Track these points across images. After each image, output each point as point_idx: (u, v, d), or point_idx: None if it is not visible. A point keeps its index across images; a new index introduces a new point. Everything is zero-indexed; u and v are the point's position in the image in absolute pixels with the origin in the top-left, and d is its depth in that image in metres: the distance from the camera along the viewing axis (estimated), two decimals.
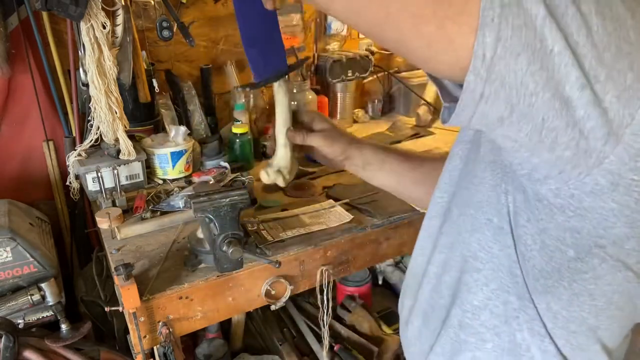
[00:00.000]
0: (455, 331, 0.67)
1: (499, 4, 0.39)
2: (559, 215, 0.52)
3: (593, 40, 0.39)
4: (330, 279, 1.15)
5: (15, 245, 1.17)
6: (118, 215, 1.19)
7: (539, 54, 0.40)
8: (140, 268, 1.04)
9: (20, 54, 1.41)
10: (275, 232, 1.15)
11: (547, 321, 0.58)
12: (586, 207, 0.49)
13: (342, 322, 1.73)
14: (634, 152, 0.44)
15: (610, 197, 0.48)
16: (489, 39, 0.40)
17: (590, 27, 0.39)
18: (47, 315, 1.22)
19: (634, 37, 0.40)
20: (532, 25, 0.39)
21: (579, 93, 0.41)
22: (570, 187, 0.48)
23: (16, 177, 1.52)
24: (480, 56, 0.40)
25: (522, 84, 0.41)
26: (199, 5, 1.66)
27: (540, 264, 0.56)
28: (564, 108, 0.42)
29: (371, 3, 0.42)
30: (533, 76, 0.41)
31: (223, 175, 1.44)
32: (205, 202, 0.95)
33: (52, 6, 1.14)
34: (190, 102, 1.64)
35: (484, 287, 0.62)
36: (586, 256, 0.53)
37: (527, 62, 0.40)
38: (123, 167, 1.37)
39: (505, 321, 0.61)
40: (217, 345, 1.55)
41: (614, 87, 0.41)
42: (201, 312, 1.02)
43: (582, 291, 0.55)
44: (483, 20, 0.39)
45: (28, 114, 1.48)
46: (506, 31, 0.39)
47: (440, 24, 0.41)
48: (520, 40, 0.40)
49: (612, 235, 0.51)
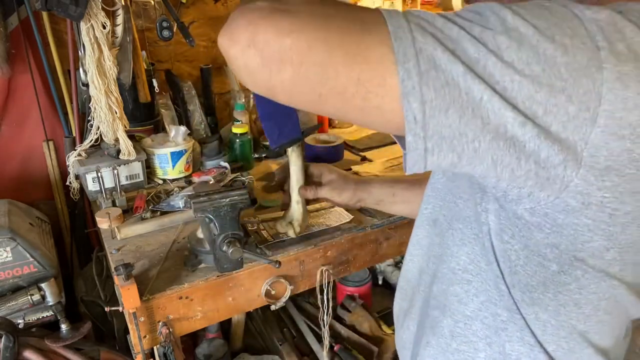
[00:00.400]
0: (446, 341, 0.68)
1: (416, 72, 0.42)
2: (537, 232, 0.53)
3: (521, 84, 0.43)
4: (330, 279, 1.15)
5: (15, 245, 1.17)
6: (118, 215, 1.19)
7: (469, 104, 0.43)
8: (140, 268, 1.04)
9: (20, 54, 1.41)
10: (275, 232, 1.15)
11: (537, 330, 0.59)
12: (561, 224, 0.51)
13: (342, 322, 1.73)
14: (598, 172, 0.46)
15: (583, 214, 0.50)
16: (414, 104, 0.44)
17: (515, 72, 0.43)
18: (47, 315, 1.22)
19: (566, 73, 0.43)
20: (454, 82, 0.43)
21: (521, 130, 0.44)
22: (542, 207, 0.50)
23: (16, 177, 1.52)
24: (411, 119, 0.44)
25: (461, 133, 0.45)
26: (199, 5, 1.66)
27: (526, 278, 0.57)
28: (510, 146, 0.45)
29: (304, 88, 0.46)
30: (468, 125, 0.44)
31: (223, 175, 1.44)
32: (205, 202, 0.95)
33: (52, 6, 1.14)
34: (190, 102, 1.64)
35: (474, 297, 0.63)
36: (569, 269, 0.54)
37: (458, 114, 0.44)
38: (123, 167, 1.37)
39: (495, 332, 0.62)
40: (217, 345, 1.55)
41: (556, 120, 0.44)
42: (201, 312, 1.02)
43: (568, 301, 0.56)
44: (404, 89, 0.43)
45: (28, 114, 1.48)
46: (429, 94, 0.43)
47: (365, 98, 0.45)
48: (445, 98, 0.43)
49: (590, 248, 0.52)
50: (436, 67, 0.43)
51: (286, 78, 0.45)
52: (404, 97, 0.43)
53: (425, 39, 0.43)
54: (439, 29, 0.44)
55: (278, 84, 0.46)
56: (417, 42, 0.43)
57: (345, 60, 0.44)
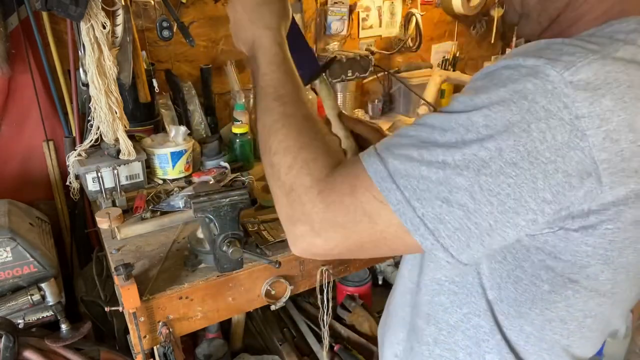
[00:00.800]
0: (429, 348, 0.69)
1: (429, 235, 0.49)
2: (534, 255, 0.54)
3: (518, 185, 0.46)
4: (330, 279, 1.15)
5: (15, 245, 1.17)
6: (118, 215, 1.19)
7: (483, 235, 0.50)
8: (140, 268, 1.03)
9: (20, 54, 1.41)
10: (275, 232, 1.15)
11: (520, 341, 0.61)
12: (560, 250, 0.52)
13: (342, 322, 1.73)
14: (604, 209, 0.48)
15: (584, 242, 0.51)
16: (440, 254, 0.51)
17: (508, 176, 0.46)
18: (47, 315, 1.22)
19: (552, 155, 0.45)
20: (463, 227, 0.49)
21: (539, 217, 0.48)
22: (544, 234, 0.52)
23: (16, 177, 1.52)
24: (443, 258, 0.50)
25: (488, 255, 0.57)
26: (199, 5, 1.66)
27: (514, 294, 0.58)
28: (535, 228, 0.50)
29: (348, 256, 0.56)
30: (492, 246, 0.51)
31: (223, 175, 1.43)
32: (205, 202, 0.95)
33: (52, 6, 1.14)
34: (190, 102, 1.64)
35: (457, 309, 0.64)
36: (560, 289, 0.55)
37: (480, 246, 0.50)
38: (123, 167, 1.37)
39: (476, 343, 0.64)
40: (217, 345, 1.55)
41: (565, 197, 0.47)
42: (201, 312, 1.02)
43: (554, 317, 0.58)
44: (425, 247, 0.50)
45: (28, 114, 1.48)
46: (448, 242, 0.49)
47: (394, 250, 0.55)
48: (460, 240, 0.50)
49: (587, 272, 0.53)
50: (442, 221, 0.48)
51: (336, 256, 0.56)
52: (429, 251, 0.50)
53: (423, 205, 0.48)
54: (433, 181, 0.48)
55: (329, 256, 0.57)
56: (417, 211, 0.48)
57: (374, 247, 0.53)
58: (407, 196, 0.48)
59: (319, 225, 0.53)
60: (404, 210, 0.49)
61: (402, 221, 0.49)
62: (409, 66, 2.18)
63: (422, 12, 2.14)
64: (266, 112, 0.63)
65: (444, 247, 0.48)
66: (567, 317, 0.57)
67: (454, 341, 0.66)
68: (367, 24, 2.08)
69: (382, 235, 0.51)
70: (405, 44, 2.16)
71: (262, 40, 0.68)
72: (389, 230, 0.50)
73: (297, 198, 0.54)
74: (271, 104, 0.63)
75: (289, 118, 0.61)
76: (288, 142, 0.58)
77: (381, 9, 2.08)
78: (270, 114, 0.62)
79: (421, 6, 2.16)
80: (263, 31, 0.69)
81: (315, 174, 0.55)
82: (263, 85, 0.65)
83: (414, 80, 2.08)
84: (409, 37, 2.15)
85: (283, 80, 0.65)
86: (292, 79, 0.66)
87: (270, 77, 0.65)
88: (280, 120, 0.61)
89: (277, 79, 0.65)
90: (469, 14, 2.25)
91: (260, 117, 0.64)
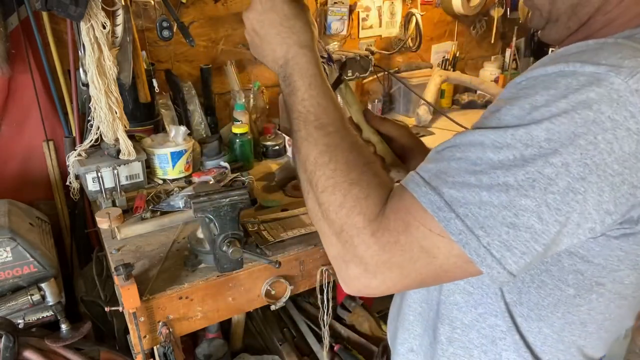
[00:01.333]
0: (442, 347, 0.68)
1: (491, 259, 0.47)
2: (566, 260, 0.54)
3: (585, 200, 0.45)
4: (330, 279, 1.15)
5: (15, 245, 1.17)
6: (118, 215, 1.19)
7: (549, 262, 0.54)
8: (140, 268, 1.03)
9: (20, 54, 1.41)
10: (275, 232, 1.15)
11: (537, 342, 0.60)
12: (594, 254, 0.52)
13: (342, 322, 1.73)
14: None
15: (619, 247, 0.51)
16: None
17: (577, 193, 0.45)
18: (47, 315, 1.22)
19: (619, 167, 0.44)
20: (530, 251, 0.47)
21: (599, 227, 0.47)
22: (581, 237, 0.50)
23: (16, 177, 1.52)
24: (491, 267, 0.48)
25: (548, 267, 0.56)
26: (199, 5, 1.66)
27: (537, 298, 0.57)
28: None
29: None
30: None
31: (223, 175, 1.43)
32: (205, 202, 0.95)
33: (52, 6, 1.14)
34: (190, 102, 1.64)
35: (472, 309, 0.64)
36: (585, 293, 0.55)
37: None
38: (123, 167, 1.37)
39: (492, 341, 0.63)
40: (217, 345, 1.55)
41: (627, 203, 0.46)
42: (201, 312, 1.02)
43: (575, 321, 0.58)
44: (488, 274, 0.47)
45: (28, 114, 1.48)
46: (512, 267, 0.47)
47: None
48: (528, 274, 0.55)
49: (614, 275, 0.53)
50: (509, 248, 0.46)
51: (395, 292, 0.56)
52: (493, 278, 0.48)
53: (488, 233, 0.46)
54: (496, 206, 0.45)
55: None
56: (482, 240, 0.46)
57: (434, 281, 0.52)
58: (469, 225, 0.46)
59: (375, 267, 0.50)
60: (467, 240, 0.46)
61: (465, 252, 0.46)
62: (409, 66, 2.18)
63: (422, 12, 2.14)
64: (308, 142, 0.59)
65: (509, 273, 0.46)
66: (587, 319, 0.57)
67: (469, 339, 0.65)
68: (367, 24, 2.08)
69: (443, 269, 0.49)
70: (405, 44, 2.16)
71: (297, 60, 0.63)
72: (449, 262, 0.48)
73: (349, 239, 0.52)
74: (314, 133, 0.59)
75: (336, 150, 0.57)
76: (336, 178, 0.55)
77: (381, 9, 2.08)
78: (314, 145, 0.58)
79: (421, 6, 2.16)
80: (299, 50, 0.63)
81: (367, 214, 0.52)
82: (302, 111, 0.61)
83: (414, 80, 2.08)
84: (409, 37, 2.15)
85: (324, 105, 0.60)
86: (334, 104, 0.61)
87: (310, 102, 0.60)
88: (326, 153, 0.57)
89: (318, 105, 0.60)
90: (469, 14, 2.25)
91: (302, 147, 0.59)
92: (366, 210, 0.52)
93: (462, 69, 2.43)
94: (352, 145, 0.59)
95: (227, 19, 1.71)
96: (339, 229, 0.53)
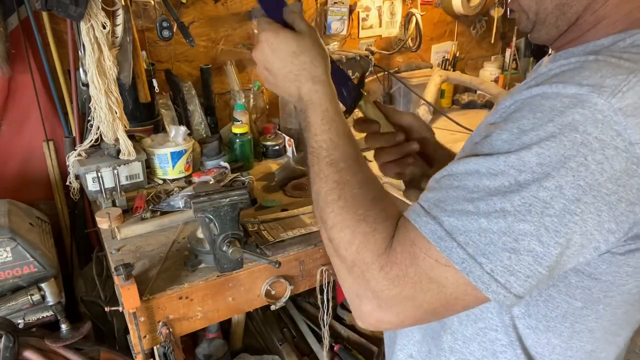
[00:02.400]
0: (445, 355, 0.69)
1: (503, 290, 0.47)
2: (572, 277, 0.54)
3: (584, 220, 0.46)
4: (330, 279, 1.15)
5: (15, 245, 1.17)
6: (118, 215, 1.19)
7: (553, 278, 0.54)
8: (140, 268, 1.04)
9: (20, 54, 1.41)
10: (275, 232, 1.15)
11: (545, 352, 0.60)
12: (600, 272, 0.52)
13: (342, 322, 1.73)
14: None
15: (626, 263, 0.51)
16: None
17: (574, 214, 0.45)
18: (47, 315, 1.22)
19: (613, 186, 0.45)
20: (538, 274, 0.48)
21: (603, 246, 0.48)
22: (587, 257, 0.50)
23: (16, 177, 1.52)
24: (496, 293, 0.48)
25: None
26: (199, 5, 1.66)
27: (545, 310, 0.58)
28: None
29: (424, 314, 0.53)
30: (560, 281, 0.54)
31: (223, 175, 1.43)
32: (205, 202, 0.95)
33: (52, 6, 1.14)
34: (190, 102, 1.64)
35: (473, 323, 0.64)
36: (593, 305, 0.55)
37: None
38: (123, 167, 1.37)
39: (493, 354, 0.63)
40: (217, 345, 1.55)
41: (628, 221, 0.47)
42: (201, 312, 1.02)
43: (583, 329, 0.58)
44: (499, 303, 0.48)
45: (28, 114, 1.48)
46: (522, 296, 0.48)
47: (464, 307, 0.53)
48: (534, 293, 0.56)
49: (623, 288, 0.53)
50: (513, 272, 0.46)
51: (410, 325, 0.55)
52: (500, 302, 0.49)
53: (490, 260, 0.47)
54: (496, 232, 0.46)
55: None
56: (484, 267, 0.47)
57: (446, 310, 0.52)
58: (470, 253, 0.47)
59: (386, 301, 0.51)
60: (470, 268, 0.47)
61: (470, 280, 0.47)
62: (409, 66, 2.18)
63: (422, 12, 2.14)
64: (320, 178, 0.60)
65: (516, 296, 0.47)
66: (595, 327, 0.57)
67: (470, 352, 0.65)
68: (367, 24, 2.08)
69: (453, 297, 0.50)
70: (405, 44, 2.16)
71: (310, 96, 0.62)
72: (458, 291, 0.49)
73: (361, 275, 0.53)
74: (325, 170, 0.59)
75: (345, 187, 0.58)
76: (344, 215, 0.56)
77: (381, 9, 2.08)
78: (324, 181, 0.59)
79: (421, 6, 2.16)
80: (311, 85, 0.62)
81: (375, 249, 0.52)
82: (315, 146, 0.61)
83: (414, 80, 2.08)
84: (409, 37, 2.15)
85: (336, 141, 0.60)
86: (346, 139, 0.61)
87: (321, 137, 0.61)
88: (335, 190, 0.58)
89: (330, 140, 0.60)
90: (469, 14, 2.25)
91: (314, 182, 0.61)
92: (374, 245, 0.53)
93: (462, 69, 2.43)
94: (362, 181, 0.59)
95: (227, 19, 1.71)
96: (351, 265, 0.54)
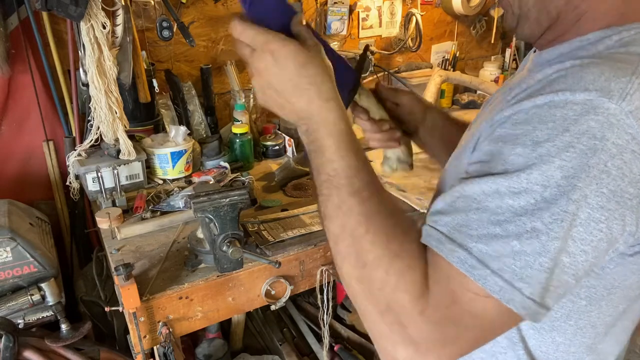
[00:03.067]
0: None
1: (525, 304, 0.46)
2: None
3: (609, 227, 0.46)
4: (330, 279, 1.15)
5: (15, 245, 1.17)
6: (118, 215, 1.19)
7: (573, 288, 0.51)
8: (140, 268, 1.03)
9: (20, 54, 1.41)
10: (275, 232, 1.15)
11: (549, 350, 0.60)
12: (607, 272, 0.52)
13: (342, 322, 1.73)
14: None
15: (633, 262, 0.51)
16: None
17: (599, 222, 0.45)
18: (47, 315, 1.22)
19: (634, 190, 0.45)
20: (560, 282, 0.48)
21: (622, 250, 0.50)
22: (606, 258, 0.51)
23: (16, 177, 1.52)
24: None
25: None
26: (199, 5, 1.66)
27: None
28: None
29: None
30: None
31: (223, 175, 1.43)
32: (205, 202, 0.95)
33: (52, 6, 1.14)
34: (190, 102, 1.64)
35: None
36: (596, 302, 0.55)
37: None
38: (123, 167, 1.37)
39: (493, 355, 0.63)
40: (217, 345, 1.55)
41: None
42: (201, 312, 1.02)
43: (586, 325, 0.58)
44: (525, 316, 0.47)
45: (28, 114, 1.48)
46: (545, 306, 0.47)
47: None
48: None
49: (626, 284, 0.54)
50: (548, 290, 0.46)
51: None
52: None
53: (529, 283, 0.45)
54: (530, 254, 0.45)
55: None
56: (524, 291, 0.46)
57: (486, 340, 0.51)
58: (507, 279, 0.45)
59: (426, 346, 0.48)
60: (510, 296, 0.45)
61: (511, 308, 0.45)
62: (409, 66, 2.18)
63: (422, 12, 2.14)
64: (342, 212, 0.53)
65: (548, 309, 0.47)
66: (597, 322, 0.57)
67: (469, 354, 0.65)
68: (367, 24, 2.08)
69: (492, 327, 0.48)
70: (405, 44, 2.16)
71: (324, 115, 0.54)
72: (501, 320, 0.47)
73: (396, 319, 0.48)
74: (348, 201, 0.52)
75: (373, 219, 0.52)
76: (376, 251, 0.50)
77: (381, 9, 2.08)
78: (349, 215, 0.52)
79: (421, 6, 2.16)
80: (323, 104, 0.54)
81: (412, 290, 0.48)
82: (332, 174, 0.54)
83: (414, 80, 2.09)
84: (409, 37, 2.15)
85: (357, 167, 0.54)
86: (366, 164, 0.55)
87: (339, 164, 0.53)
88: (363, 224, 0.51)
89: (349, 167, 0.53)
90: (469, 14, 2.25)
91: (335, 216, 0.53)
92: (411, 286, 0.49)
93: (462, 69, 2.43)
94: (391, 212, 0.54)
95: (227, 19, 1.71)
96: (384, 308, 0.49)
